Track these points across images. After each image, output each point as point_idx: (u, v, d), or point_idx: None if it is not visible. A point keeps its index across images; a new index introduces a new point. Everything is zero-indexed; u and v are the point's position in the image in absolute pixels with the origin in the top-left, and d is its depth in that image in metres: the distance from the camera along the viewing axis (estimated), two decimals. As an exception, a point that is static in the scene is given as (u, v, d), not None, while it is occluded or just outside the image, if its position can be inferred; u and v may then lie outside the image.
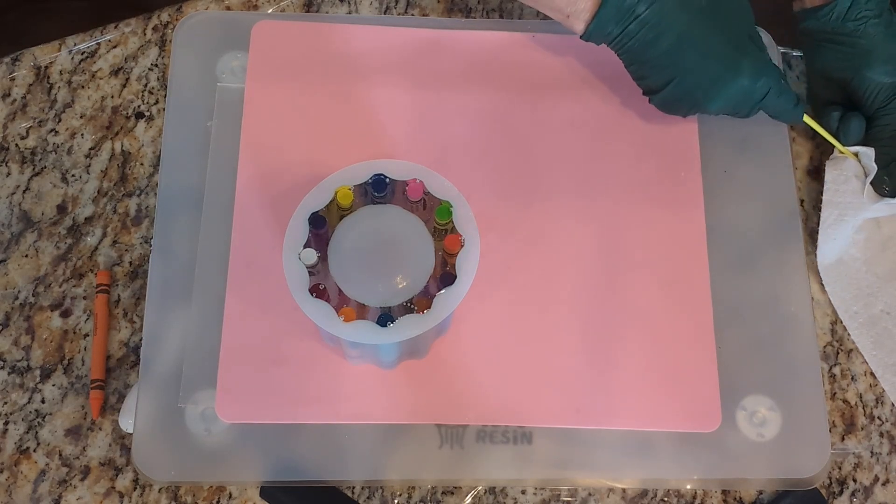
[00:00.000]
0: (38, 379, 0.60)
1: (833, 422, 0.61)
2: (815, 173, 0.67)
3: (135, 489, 0.58)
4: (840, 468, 0.60)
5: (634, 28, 0.58)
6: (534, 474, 0.58)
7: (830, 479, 0.60)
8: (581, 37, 0.59)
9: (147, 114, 0.66)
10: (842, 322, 0.63)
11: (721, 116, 0.63)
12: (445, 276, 0.52)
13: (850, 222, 0.63)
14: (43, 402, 0.59)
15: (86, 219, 0.63)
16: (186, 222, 0.61)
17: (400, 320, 0.51)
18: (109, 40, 0.67)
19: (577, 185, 0.63)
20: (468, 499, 0.59)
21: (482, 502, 0.59)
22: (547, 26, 0.67)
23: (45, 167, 0.64)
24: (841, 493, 0.60)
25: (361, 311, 0.52)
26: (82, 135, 0.65)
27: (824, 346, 0.63)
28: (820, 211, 0.63)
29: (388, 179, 0.54)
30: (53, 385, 0.60)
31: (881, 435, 0.61)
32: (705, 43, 0.58)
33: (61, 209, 0.63)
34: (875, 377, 0.62)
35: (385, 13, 0.70)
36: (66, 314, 0.61)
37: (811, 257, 0.64)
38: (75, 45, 0.67)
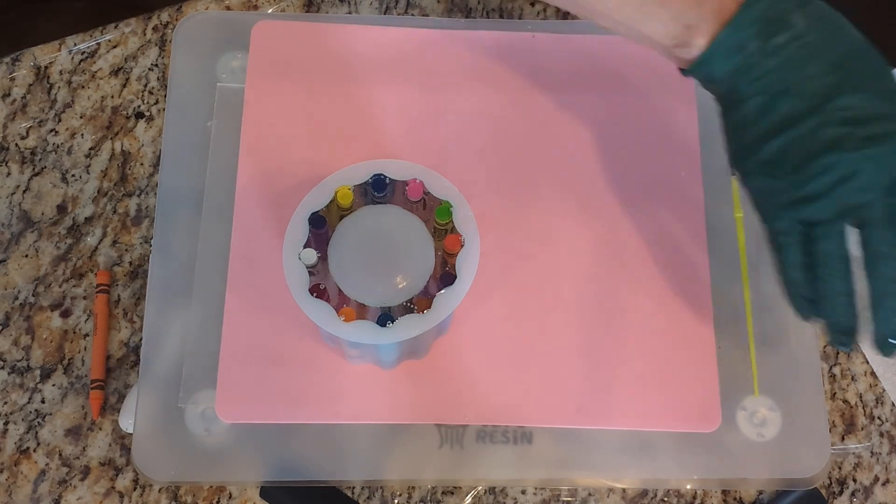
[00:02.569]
0: (38, 379, 0.60)
1: (833, 422, 0.61)
2: (815, 173, 0.67)
3: (135, 489, 0.58)
4: (840, 468, 0.60)
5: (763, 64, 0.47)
6: (534, 474, 0.58)
7: (830, 479, 0.60)
8: (694, 68, 0.50)
9: (147, 114, 0.66)
10: (842, 322, 0.63)
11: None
12: (445, 276, 0.52)
13: None
14: (43, 402, 0.59)
15: (86, 219, 0.63)
16: (186, 222, 0.61)
17: (400, 320, 0.51)
18: (109, 40, 0.67)
19: (577, 185, 0.63)
20: (468, 499, 0.59)
21: (482, 502, 0.59)
22: (547, 26, 0.67)
23: (45, 167, 0.64)
24: (841, 493, 0.60)
25: (361, 311, 0.52)
26: (82, 135, 0.65)
27: (824, 346, 0.63)
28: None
29: (388, 179, 0.54)
30: (53, 385, 0.60)
31: (881, 435, 0.61)
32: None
33: (61, 209, 0.63)
34: (875, 377, 0.62)
35: (385, 13, 0.70)
36: (66, 314, 0.61)
37: (811, 257, 0.64)
38: (75, 45, 0.67)
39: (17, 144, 0.65)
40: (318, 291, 0.51)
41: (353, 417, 0.58)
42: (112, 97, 0.66)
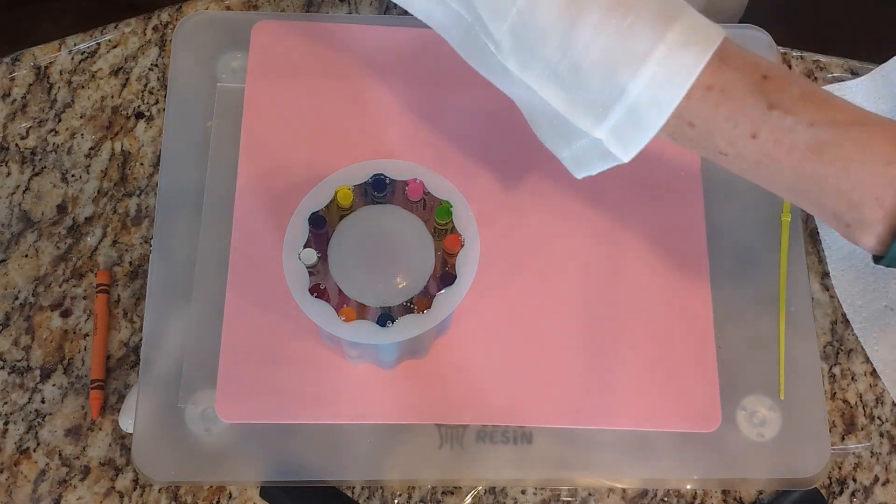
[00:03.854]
0: (38, 379, 0.60)
1: (833, 422, 0.61)
2: (815, 173, 0.67)
3: (135, 489, 0.58)
4: (840, 468, 0.60)
5: None
6: (534, 474, 0.58)
7: (830, 479, 0.60)
8: (876, 260, 0.47)
9: (147, 114, 0.66)
10: (842, 322, 0.63)
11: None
12: (445, 276, 0.52)
13: None
14: (43, 402, 0.59)
15: (86, 219, 0.63)
16: (186, 222, 0.61)
17: (400, 320, 0.51)
18: (109, 40, 0.67)
19: (577, 185, 0.63)
20: (468, 499, 0.59)
21: (482, 502, 0.59)
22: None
23: (45, 167, 0.64)
24: (841, 493, 0.60)
25: (361, 311, 0.52)
26: (82, 135, 0.65)
27: (824, 346, 0.63)
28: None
29: (388, 179, 0.54)
30: (53, 385, 0.60)
31: (881, 435, 0.61)
32: None
33: (61, 209, 0.63)
34: (875, 377, 0.62)
35: (385, 13, 0.70)
36: (66, 314, 0.61)
37: (811, 257, 0.64)
38: (75, 45, 0.67)
39: (17, 144, 0.65)
40: (318, 291, 0.51)
41: (353, 417, 0.58)
42: (112, 97, 0.66)
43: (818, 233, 0.64)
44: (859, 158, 0.43)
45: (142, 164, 0.64)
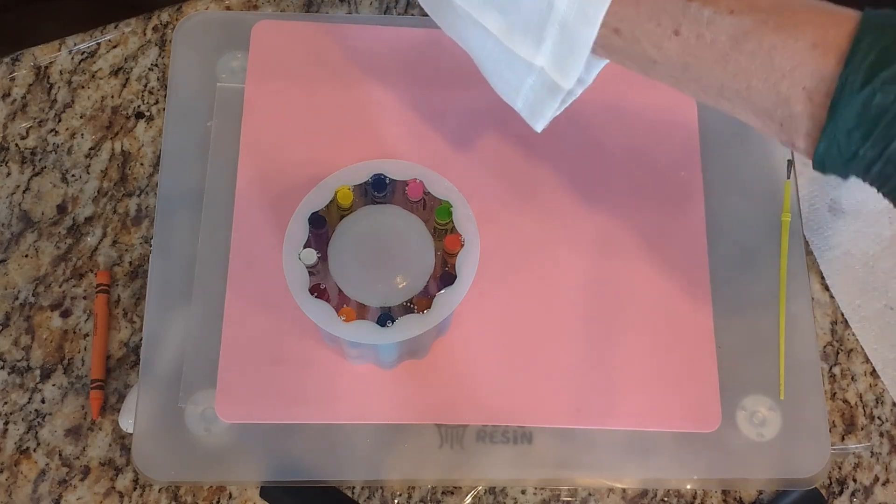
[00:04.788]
0: (38, 379, 0.60)
1: (833, 422, 0.61)
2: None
3: (135, 489, 0.58)
4: (840, 468, 0.60)
5: None
6: (534, 474, 0.58)
7: (830, 479, 0.60)
8: (814, 167, 0.42)
9: (147, 114, 0.66)
10: (842, 322, 0.63)
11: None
12: (445, 276, 0.52)
13: (822, 208, 0.64)
14: (43, 402, 0.59)
15: (86, 219, 0.63)
16: (186, 222, 0.61)
17: (400, 320, 0.51)
18: (109, 40, 0.67)
19: (577, 185, 0.63)
20: (468, 499, 0.59)
21: (482, 502, 0.59)
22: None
23: (45, 167, 0.64)
24: (841, 493, 0.60)
25: (361, 311, 0.52)
26: (82, 135, 0.65)
27: (824, 346, 0.63)
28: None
29: (388, 179, 0.54)
30: (53, 385, 0.60)
31: (881, 435, 0.61)
32: None
33: (61, 209, 0.63)
34: (875, 377, 0.62)
35: (385, 13, 0.70)
36: (66, 314, 0.61)
37: (811, 257, 0.64)
38: (75, 45, 0.67)
39: (17, 144, 0.65)
40: (318, 291, 0.51)
41: (353, 417, 0.58)
42: (112, 97, 0.66)
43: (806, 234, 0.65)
44: (782, 44, 0.40)
45: (142, 164, 0.64)
